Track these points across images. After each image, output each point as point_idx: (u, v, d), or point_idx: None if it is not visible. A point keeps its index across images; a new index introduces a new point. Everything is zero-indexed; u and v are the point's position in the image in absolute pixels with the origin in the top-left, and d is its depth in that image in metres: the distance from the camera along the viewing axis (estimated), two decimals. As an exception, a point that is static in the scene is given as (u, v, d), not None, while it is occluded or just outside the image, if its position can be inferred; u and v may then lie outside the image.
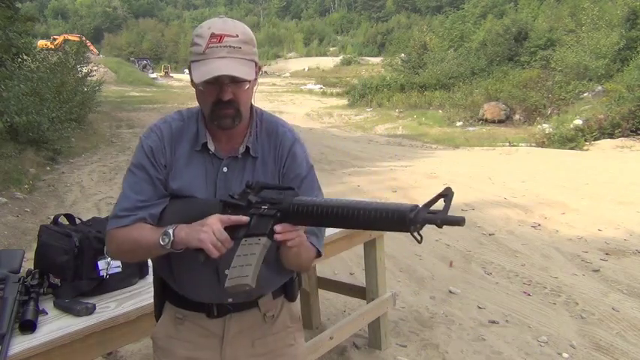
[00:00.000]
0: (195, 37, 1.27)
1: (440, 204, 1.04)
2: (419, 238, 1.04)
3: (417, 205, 1.05)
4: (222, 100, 1.26)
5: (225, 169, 1.34)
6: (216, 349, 1.39)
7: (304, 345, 1.55)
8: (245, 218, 1.20)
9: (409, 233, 1.04)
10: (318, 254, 1.38)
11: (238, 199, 1.25)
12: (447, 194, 1.03)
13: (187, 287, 1.37)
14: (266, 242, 1.17)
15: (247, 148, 1.36)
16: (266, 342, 1.42)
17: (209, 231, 1.16)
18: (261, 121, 1.41)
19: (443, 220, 1.02)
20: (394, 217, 1.05)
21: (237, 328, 1.39)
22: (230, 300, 1.36)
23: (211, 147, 1.35)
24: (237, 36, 1.26)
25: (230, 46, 1.24)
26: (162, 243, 1.21)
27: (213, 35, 1.24)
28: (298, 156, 1.38)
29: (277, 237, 1.16)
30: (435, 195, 1.03)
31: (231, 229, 1.20)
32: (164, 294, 1.44)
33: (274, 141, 1.39)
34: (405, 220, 1.03)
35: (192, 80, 1.29)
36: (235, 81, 1.26)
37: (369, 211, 1.08)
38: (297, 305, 1.51)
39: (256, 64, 1.31)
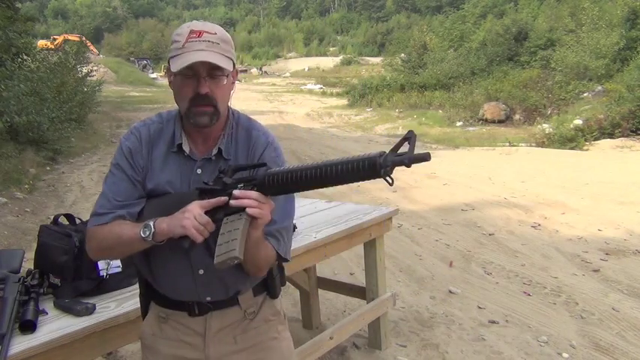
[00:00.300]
0: (174, 36, 1.31)
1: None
2: (390, 181, 1.09)
3: (384, 151, 1.09)
4: (199, 94, 1.27)
5: (199, 171, 1.35)
6: (199, 347, 1.40)
7: (290, 339, 1.55)
8: (223, 198, 1.21)
9: (381, 178, 1.08)
10: (281, 258, 1.38)
11: (213, 185, 1.26)
12: (409, 137, 1.06)
13: (165, 286, 1.39)
14: (247, 216, 1.18)
15: (220, 150, 1.36)
16: (247, 336, 1.43)
17: (190, 217, 1.18)
18: (237, 123, 1.41)
19: (410, 159, 1.06)
20: (365, 165, 1.08)
21: (218, 326, 1.40)
22: (209, 299, 1.38)
23: (186, 148, 1.36)
24: (216, 34, 1.29)
25: (209, 41, 1.27)
26: (143, 235, 1.23)
27: (192, 31, 1.27)
28: (268, 160, 1.36)
29: (243, 202, 1.16)
30: (399, 140, 1.07)
31: (211, 213, 1.21)
32: (148, 293, 1.46)
33: (247, 144, 1.39)
34: (375, 165, 1.07)
35: (169, 80, 1.32)
36: (213, 76, 1.27)
37: (340, 165, 1.11)
38: (278, 301, 1.52)
39: (234, 64, 1.32)
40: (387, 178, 1.09)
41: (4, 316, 1.54)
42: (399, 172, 1.14)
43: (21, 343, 1.49)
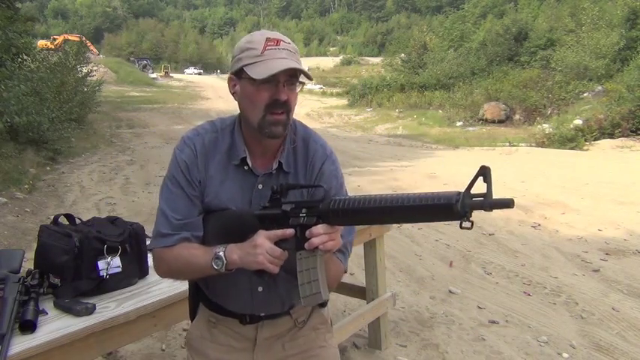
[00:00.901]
0: (246, 44, 1.26)
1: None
2: (469, 225, 1.00)
3: (460, 192, 1.01)
4: (278, 101, 1.24)
5: (260, 186, 1.32)
6: (248, 352, 1.41)
7: (336, 347, 1.55)
8: (290, 231, 1.19)
9: (458, 221, 1.00)
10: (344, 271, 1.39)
11: (271, 209, 1.24)
12: (484, 173, 0.98)
13: (221, 298, 1.39)
14: (320, 253, 1.18)
15: (280, 164, 1.33)
16: (296, 344, 1.43)
17: (263, 252, 1.17)
18: (295, 133, 1.38)
19: (491, 204, 0.98)
20: (440, 205, 1.01)
21: (268, 334, 1.41)
22: (263, 314, 1.39)
23: (250, 162, 1.32)
24: (290, 43, 1.27)
25: (288, 50, 1.24)
26: (216, 267, 1.22)
27: (269, 39, 1.24)
28: (327, 174, 1.35)
29: (314, 242, 1.14)
30: (473, 176, 0.99)
31: (278, 242, 1.20)
32: (198, 296, 1.45)
33: (305, 156, 1.36)
34: (451, 207, 1.00)
35: (233, 89, 1.30)
36: (289, 83, 1.25)
37: (412, 201, 1.05)
38: (326, 310, 1.52)
39: None
40: (466, 222, 1.00)
41: (4, 316, 1.53)
42: (400, 171, 1.13)
43: (21, 343, 1.49)
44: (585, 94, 19.52)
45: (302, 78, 1.29)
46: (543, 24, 27.57)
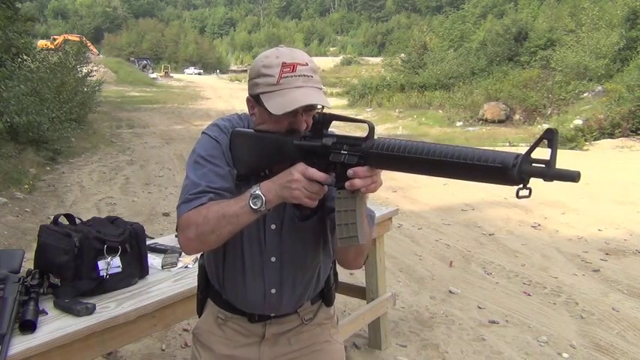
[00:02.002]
0: (261, 68, 1.23)
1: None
2: (527, 194, 0.91)
3: (519, 155, 0.91)
4: (296, 130, 1.24)
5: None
6: (255, 347, 1.42)
7: (341, 342, 1.56)
8: (328, 177, 1.15)
9: (513, 186, 0.91)
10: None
11: (312, 139, 1.20)
12: (550, 137, 0.87)
13: (233, 296, 1.39)
14: (360, 195, 1.15)
15: None
16: (301, 338, 1.45)
17: (300, 187, 1.13)
18: None
19: (552, 174, 0.88)
20: (494, 168, 0.91)
21: (276, 331, 1.42)
22: (273, 315, 1.40)
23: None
24: (307, 64, 1.23)
25: (304, 75, 1.21)
26: (254, 207, 1.15)
27: (284, 64, 1.20)
28: None
29: (356, 183, 1.09)
30: (536, 139, 0.88)
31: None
32: (207, 291, 1.46)
33: None
34: (506, 173, 0.90)
35: (252, 109, 1.29)
36: (308, 110, 1.23)
37: (465, 157, 0.95)
38: (333, 306, 1.54)
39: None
40: (523, 190, 0.91)
41: (4, 316, 1.53)
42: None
43: (21, 343, 1.49)
44: (585, 94, 19.51)
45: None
46: (543, 24, 27.54)
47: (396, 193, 7.77)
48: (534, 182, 0.94)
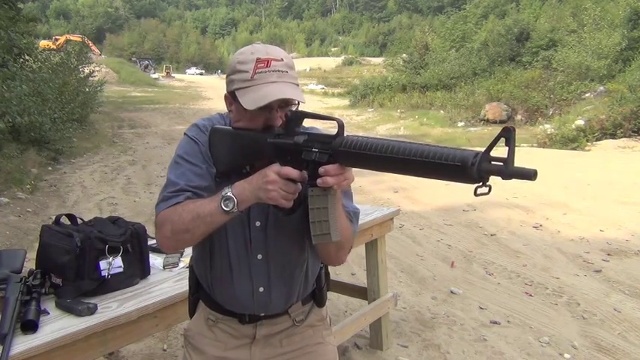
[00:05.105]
0: (237, 64, 1.24)
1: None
2: (485, 191, 0.94)
3: (478, 153, 0.93)
4: (272, 127, 1.24)
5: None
6: (245, 349, 1.42)
7: (334, 344, 1.55)
8: (302, 174, 1.15)
9: (472, 184, 0.93)
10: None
11: (285, 137, 1.20)
12: (508, 136, 0.88)
13: (222, 297, 1.39)
14: (332, 192, 1.15)
15: None
16: (293, 340, 1.44)
17: (276, 188, 1.13)
18: None
19: (511, 173, 0.90)
20: (454, 166, 0.93)
21: (266, 332, 1.41)
22: (262, 314, 1.39)
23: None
24: (282, 60, 1.23)
25: (279, 71, 1.21)
26: (226, 209, 1.15)
27: (259, 60, 1.21)
28: None
29: (328, 181, 1.10)
30: (494, 138, 0.90)
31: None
32: (198, 293, 1.46)
33: None
34: (465, 171, 0.92)
35: (229, 105, 1.29)
36: (284, 105, 1.24)
37: (427, 156, 0.97)
38: (325, 308, 1.53)
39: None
40: (481, 188, 0.93)
41: (5, 316, 1.54)
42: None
43: (22, 343, 1.49)
44: (587, 95, 19.48)
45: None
46: (545, 24, 27.51)
47: (398, 193, 7.77)
48: (535, 182, 0.94)
